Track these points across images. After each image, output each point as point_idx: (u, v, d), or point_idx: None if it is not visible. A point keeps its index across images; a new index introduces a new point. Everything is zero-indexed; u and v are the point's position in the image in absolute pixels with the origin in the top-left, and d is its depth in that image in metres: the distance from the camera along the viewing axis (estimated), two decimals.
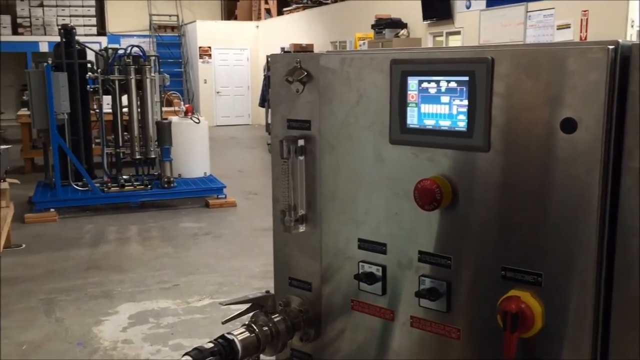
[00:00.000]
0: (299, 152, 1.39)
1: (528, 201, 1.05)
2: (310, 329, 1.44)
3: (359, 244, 1.31)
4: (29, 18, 16.78)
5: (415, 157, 1.19)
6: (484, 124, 1.07)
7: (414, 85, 1.15)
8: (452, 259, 1.16)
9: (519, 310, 1.03)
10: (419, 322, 1.22)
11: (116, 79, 7.57)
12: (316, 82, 1.34)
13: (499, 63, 1.05)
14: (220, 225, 6.90)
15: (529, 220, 1.05)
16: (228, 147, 12.97)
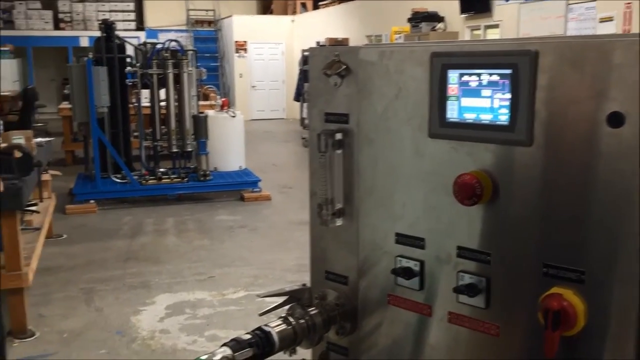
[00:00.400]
0: (337, 145, 1.39)
1: (571, 196, 1.03)
2: (346, 322, 1.45)
3: (396, 238, 1.30)
4: (70, 13, 17.14)
5: (454, 151, 1.17)
6: (526, 117, 1.05)
7: (454, 79, 1.14)
8: (492, 254, 1.14)
9: (561, 308, 1.01)
10: (457, 318, 1.20)
11: (154, 73, 7.68)
12: (355, 76, 1.34)
13: (543, 56, 1.03)
14: (255, 218, 6.96)
15: (572, 216, 1.03)
16: (263, 141, 13.05)
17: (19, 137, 4.49)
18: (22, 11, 16.77)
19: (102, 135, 7.40)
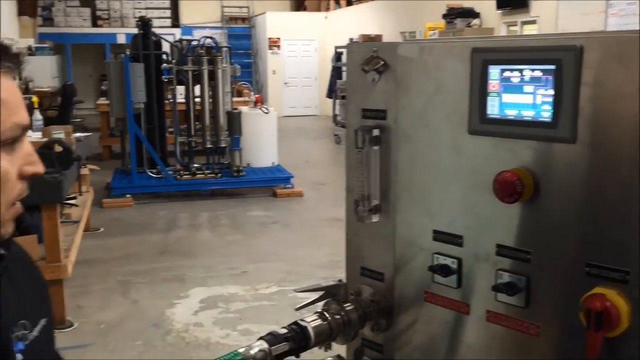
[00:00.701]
0: (374, 142, 1.38)
1: (615, 195, 1.01)
2: (381, 319, 1.44)
3: (433, 235, 1.29)
4: (107, 11, 17.46)
5: (495, 148, 1.16)
6: (570, 114, 1.03)
7: (495, 74, 1.12)
8: (532, 253, 1.12)
9: (604, 309, 0.99)
10: (495, 316, 1.19)
11: (189, 70, 7.77)
12: (393, 72, 1.33)
13: (588, 51, 1.01)
14: (287, 214, 6.99)
15: (616, 215, 1.01)
16: (295, 138, 13.09)
17: (59, 132, 4.60)
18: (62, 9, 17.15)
19: (139, 131, 7.52)
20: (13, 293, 0.90)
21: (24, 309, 0.91)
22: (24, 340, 0.87)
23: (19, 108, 0.78)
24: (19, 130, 0.78)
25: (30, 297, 0.94)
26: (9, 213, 0.79)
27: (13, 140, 0.77)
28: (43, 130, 5.02)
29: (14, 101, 0.77)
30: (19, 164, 0.79)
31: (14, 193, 0.78)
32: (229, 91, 8.11)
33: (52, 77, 13.80)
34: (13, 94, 0.77)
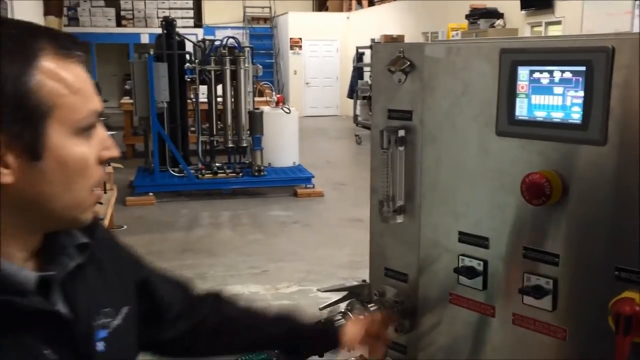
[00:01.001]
0: (399, 142, 1.38)
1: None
2: (405, 320, 1.44)
3: (459, 237, 1.29)
4: (131, 11, 17.63)
5: (523, 149, 1.15)
6: (601, 116, 1.02)
7: (524, 76, 1.11)
8: (560, 256, 1.11)
9: (633, 313, 0.98)
10: (522, 319, 1.18)
11: (212, 70, 7.82)
12: (419, 72, 1.33)
13: (619, 52, 1.00)
14: (308, 214, 7.00)
15: None
16: (316, 138, 13.10)
17: None
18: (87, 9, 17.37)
19: (162, 130, 7.59)
20: (99, 280, 0.92)
21: (108, 296, 0.93)
22: (107, 328, 0.90)
23: (92, 95, 0.81)
24: (94, 116, 0.81)
25: (116, 284, 0.96)
26: (91, 198, 0.82)
27: (89, 126, 0.80)
28: None
29: (87, 89, 0.80)
30: (97, 150, 0.82)
31: (94, 178, 0.81)
32: (251, 91, 8.14)
33: None
34: (86, 82, 0.80)
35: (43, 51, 0.76)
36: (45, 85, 0.75)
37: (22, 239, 0.80)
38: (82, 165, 0.79)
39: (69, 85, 0.77)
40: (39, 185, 0.77)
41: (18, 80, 0.73)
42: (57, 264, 0.85)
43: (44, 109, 0.75)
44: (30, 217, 0.79)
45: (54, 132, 0.76)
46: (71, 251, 0.87)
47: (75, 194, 0.79)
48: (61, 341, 0.81)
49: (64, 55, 0.78)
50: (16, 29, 0.76)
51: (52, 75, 0.76)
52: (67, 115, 0.77)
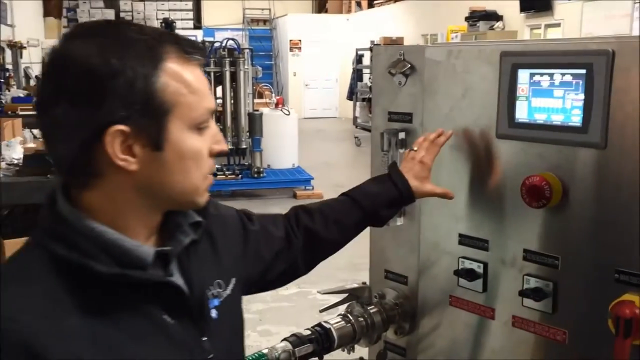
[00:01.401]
0: (400, 144, 1.38)
1: None
2: (405, 322, 1.44)
3: (459, 239, 1.29)
4: (131, 12, 17.65)
5: (523, 152, 1.15)
6: (601, 119, 1.02)
7: (524, 78, 1.12)
8: (560, 258, 1.12)
9: (633, 316, 0.98)
10: (521, 322, 1.18)
11: (212, 71, 7.82)
12: (419, 75, 1.33)
13: (619, 55, 1.00)
14: None
15: None
16: (315, 140, 13.10)
17: None
18: (86, 10, 17.38)
19: None
20: (211, 255, 1.02)
21: (219, 269, 1.03)
22: (219, 297, 0.99)
23: (207, 95, 0.89)
24: (208, 114, 0.90)
25: (225, 258, 1.06)
26: (205, 184, 0.92)
27: (204, 122, 0.89)
28: None
29: (204, 89, 0.89)
30: (209, 143, 0.90)
31: (206, 168, 0.91)
32: (250, 92, 8.14)
33: None
34: (203, 83, 0.89)
35: (168, 55, 0.85)
36: (170, 85, 0.84)
37: (145, 219, 0.90)
38: (196, 156, 0.88)
39: (188, 85, 0.86)
40: (160, 173, 0.86)
41: (147, 80, 0.82)
42: (174, 241, 0.94)
43: (167, 106, 0.84)
44: (152, 200, 0.88)
45: (174, 126, 0.85)
46: (186, 229, 0.96)
47: (190, 181, 0.89)
48: (177, 308, 0.90)
49: (186, 58, 0.87)
50: (146, 35, 0.85)
51: (175, 76, 0.85)
52: (185, 112, 0.86)
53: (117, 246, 0.85)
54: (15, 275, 0.82)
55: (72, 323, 0.79)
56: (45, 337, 0.75)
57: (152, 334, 0.86)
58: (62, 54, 0.84)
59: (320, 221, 1.24)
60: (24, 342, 0.74)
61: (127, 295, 0.84)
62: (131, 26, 0.87)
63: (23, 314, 0.77)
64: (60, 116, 0.82)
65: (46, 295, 0.80)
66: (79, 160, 0.84)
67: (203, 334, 0.94)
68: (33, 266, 0.82)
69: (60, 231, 0.84)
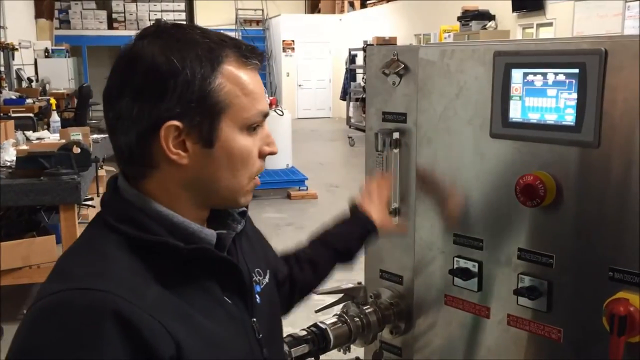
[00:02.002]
0: (394, 145, 1.39)
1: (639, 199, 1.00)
2: (400, 322, 1.44)
3: (454, 238, 1.29)
4: (123, 13, 17.60)
5: (517, 151, 1.16)
6: (594, 118, 1.03)
7: (518, 78, 1.12)
8: (555, 257, 1.12)
9: (627, 314, 0.98)
10: (516, 320, 1.19)
11: None
12: (413, 75, 1.33)
13: (612, 55, 1.01)
14: (302, 216, 6.99)
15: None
16: (309, 140, 13.10)
17: (77, 134, 4.64)
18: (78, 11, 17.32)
19: None
20: (249, 244, 1.10)
21: (257, 259, 1.10)
22: (260, 284, 1.06)
23: (261, 98, 0.93)
24: (261, 116, 0.94)
25: (260, 252, 1.15)
26: (250, 185, 0.96)
27: (256, 124, 0.93)
28: (61, 131, 5.06)
29: (258, 92, 0.93)
30: (259, 144, 0.95)
31: (254, 168, 0.95)
32: None
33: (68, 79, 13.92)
34: (258, 86, 0.93)
35: (227, 57, 0.89)
36: (225, 86, 0.88)
37: (197, 211, 0.94)
38: (245, 156, 0.92)
39: (243, 88, 0.90)
40: (209, 169, 0.91)
41: (204, 80, 0.87)
42: (227, 227, 1.01)
43: (221, 106, 0.88)
44: (199, 194, 0.93)
45: (226, 126, 0.89)
46: (237, 217, 1.03)
47: (238, 179, 0.93)
48: (233, 289, 0.96)
49: (244, 62, 0.91)
50: (208, 38, 0.90)
51: (231, 78, 0.89)
52: (238, 113, 0.90)
53: (183, 228, 0.91)
54: (96, 254, 0.87)
55: (153, 294, 0.83)
56: (133, 306, 0.79)
57: (216, 309, 0.92)
58: (130, 51, 0.89)
59: (296, 265, 1.31)
60: (115, 311, 0.78)
61: (193, 273, 0.90)
62: (196, 29, 0.91)
63: (112, 285, 0.80)
64: (123, 109, 0.88)
65: (128, 271, 0.84)
66: (137, 151, 0.89)
67: (253, 314, 1.00)
68: (109, 246, 0.87)
69: (130, 215, 0.89)
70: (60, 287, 0.81)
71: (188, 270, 0.89)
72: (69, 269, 0.86)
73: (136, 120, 0.87)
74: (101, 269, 0.83)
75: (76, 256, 0.89)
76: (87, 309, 0.78)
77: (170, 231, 0.89)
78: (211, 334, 0.87)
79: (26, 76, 11.84)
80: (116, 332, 0.77)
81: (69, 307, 0.79)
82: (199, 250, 0.90)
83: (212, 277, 0.93)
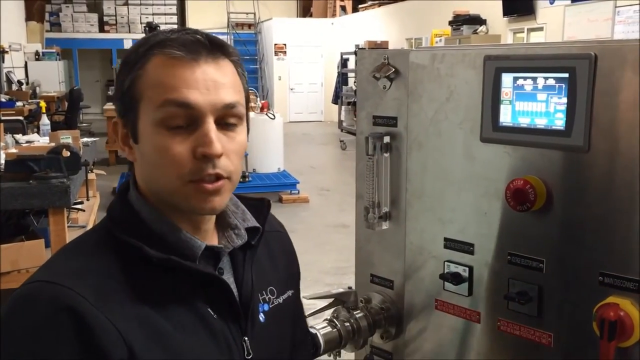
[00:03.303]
0: (385, 149, 1.38)
1: (630, 205, 1.00)
2: (391, 327, 1.44)
3: (445, 243, 1.29)
4: (114, 16, 17.55)
5: (507, 155, 1.15)
6: (584, 123, 1.02)
7: (508, 82, 1.12)
8: (545, 262, 1.12)
9: (617, 318, 0.98)
10: (507, 325, 1.18)
11: None
12: (404, 79, 1.33)
13: (602, 59, 1.01)
14: (293, 220, 6.98)
15: (632, 224, 1.00)
16: (301, 143, 13.10)
17: (67, 137, 4.61)
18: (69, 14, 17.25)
19: None
20: (268, 261, 1.07)
21: (275, 277, 1.08)
22: (269, 303, 1.03)
23: (177, 88, 0.88)
24: (172, 106, 0.88)
25: (282, 272, 1.11)
26: (189, 188, 0.90)
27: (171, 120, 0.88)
28: (51, 135, 5.03)
29: (174, 83, 0.88)
30: (191, 144, 0.89)
31: (183, 170, 0.89)
32: None
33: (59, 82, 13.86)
34: (179, 77, 0.89)
35: (154, 51, 0.88)
36: (142, 79, 0.88)
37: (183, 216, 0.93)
38: (163, 153, 0.87)
39: (156, 80, 0.87)
40: (144, 167, 0.91)
41: (132, 74, 0.89)
42: (227, 241, 0.99)
43: (137, 99, 0.88)
44: (157, 195, 0.92)
45: (143, 121, 0.89)
46: (242, 232, 1.01)
47: (166, 180, 0.89)
48: (221, 304, 0.93)
49: (169, 55, 0.88)
50: (163, 35, 0.90)
51: (150, 71, 0.88)
52: (148, 105, 0.88)
53: (172, 234, 0.91)
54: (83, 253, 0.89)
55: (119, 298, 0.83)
56: (91, 306, 0.80)
57: (195, 325, 0.90)
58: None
59: None
60: (71, 306, 0.79)
61: (176, 285, 0.89)
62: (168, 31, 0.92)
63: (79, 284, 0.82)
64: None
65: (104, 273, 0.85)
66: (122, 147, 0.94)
67: (245, 333, 0.96)
68: (98, 247, 0.89)
69: (124, 215, 0.91)
70: (36, 278, 0.85)
71: (170, 281, 0.89)
72: (53, 263, 0.90)
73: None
74: (77, 268, 0.85)
75: (66, 252, 0.92)
76: (47, 301, 0.81)
77: (161, 236, 0.90)
78: (175, 344, 0.86)
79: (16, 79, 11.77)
80: (68, 326, 0.79)
81: (35, 297, 0.82)
82: (167, 260, 0.88)
83: (197, 292, 0.91)
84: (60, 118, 9.62)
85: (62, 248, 0.94)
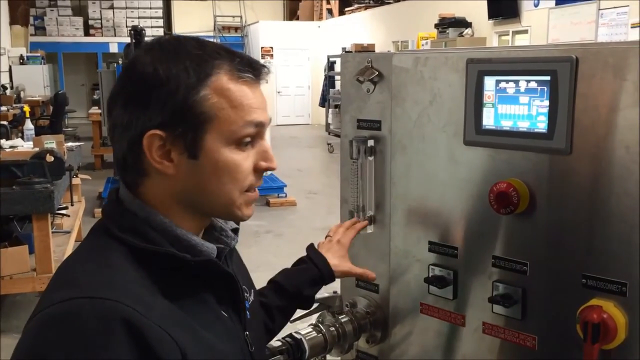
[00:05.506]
0: (369, 152, 1.38)
1: (612, 207, 1.01)
2: (376, 331, 1.43)
3: (429, 246, 1.29)
4: (100, 20, 17.43)
5: (490, 158, 1.15)
6: (566, 125, 1.03)
7: (490, 85, 1.12)
8: (529, 264, 1.12)
9: (600, 321, 0.98)
10: (491, 328, 1.18)
11: None
12: (387, 82, 1.33)
13: (583, 62, 1.01)
14: (280, 223, 6.97)
15: (613, 227, 1.01)
16: (288, 147, 13.08)
17: (51, 142, 4.57)
18: (54, 18, 17.11)
19: None
20: (238, 264, 1.12)
21: (245, 276, 1.14)
22: (247, 301, 1.06)
23: (254, 110, 0.93)
24: (251, 127, 0.93)
25: (245, 271, 1.17)
26: (243, 199, 0.95)
27: (248, 137, 0.93)
28: (35, 140, 4.98)
29: (250, 104, 0.92)
30: (254, 159, 0.95)
31: (245, 183, 0.94)
32: None
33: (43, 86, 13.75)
34: (251, 99, 0.93)
35: (218, 70, 0.90)
36: (211, 98, 0.89)
37: (192, 221, 0.95)
38: (232, 169, 0.91)
39: (231, 101, 0.90)
40: (195, 181, 0.91)
41: (189, 91, 0.88)
42: (222, 242, 1.02)
43: (205, 117, 0.88)
44: (192, 204, 0.93)
45: (211, 138, 0.89)
46: (230, 233, 1.04)
47: (226, 192, 0.92)
48: (229, 304, 0.98)
49: (236, 75, 0.91)
50: (202, 50, 0.91)
51: (218, 91, 0.89)
52: (224, 125, 0.90)
53: (185, 240, 0.92)
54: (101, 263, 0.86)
55: (159, 305, 0.84)
56: (142, 316, 0.79)
57: (215, 322, 0.93)
58: (129, 62, 0.93)
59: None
60: (126, 319, 0.78)
61: (194, 287, 0.91)
62: (193, 41, 0.93)
63: (120, 295, 0.81)
64: (117, 117, 0.91)
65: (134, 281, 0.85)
66: (130, 159, 0.91)
67: (246, 328, 1.02)
68: (114, 256, 0.87)
69: (134, 225, 0.90)
70: (67, 296, 0.80)
71: (190, 283, 0.91)
72: (73, 277, 0.86)
73: (126, 128, 0.89)
74: (108, 279, 0.84)
75: (80, 265, 0.88)
76: (97, 317, 0.78)
77: (172, 243, 0.90)
78: (213, 347, 0.89)
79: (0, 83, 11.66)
80: (126, 340, 0.77)
81: (78, 315, 0.78)
82: (206, 263, 0.91)
83: (209, 291, 0.94)
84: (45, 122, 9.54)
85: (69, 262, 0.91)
